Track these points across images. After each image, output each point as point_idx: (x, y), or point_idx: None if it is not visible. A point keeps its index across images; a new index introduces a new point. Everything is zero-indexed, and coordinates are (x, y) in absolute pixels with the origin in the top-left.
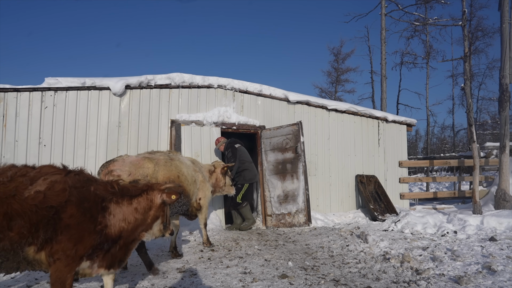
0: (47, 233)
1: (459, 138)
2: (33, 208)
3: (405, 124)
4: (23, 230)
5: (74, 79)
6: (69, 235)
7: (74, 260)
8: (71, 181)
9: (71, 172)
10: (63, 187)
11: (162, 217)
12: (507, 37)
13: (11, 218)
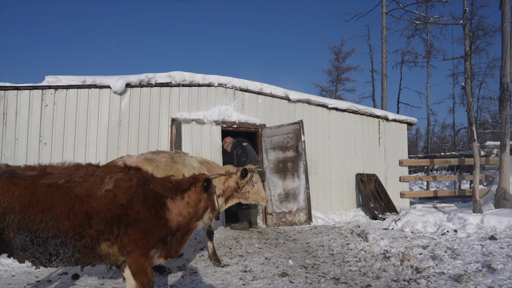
0: (119, 229)
1: (460, 137)
2: (107, 206)
3: (406, 123)
4: (100, 227)
5: (75, 77)
6: (138, 228)
7: (147, 250)
8: (135, 179)
9: (131, 170)
10: (129, 185)
11: (211, 205)
12: (507, 36)
13: (91, 217)
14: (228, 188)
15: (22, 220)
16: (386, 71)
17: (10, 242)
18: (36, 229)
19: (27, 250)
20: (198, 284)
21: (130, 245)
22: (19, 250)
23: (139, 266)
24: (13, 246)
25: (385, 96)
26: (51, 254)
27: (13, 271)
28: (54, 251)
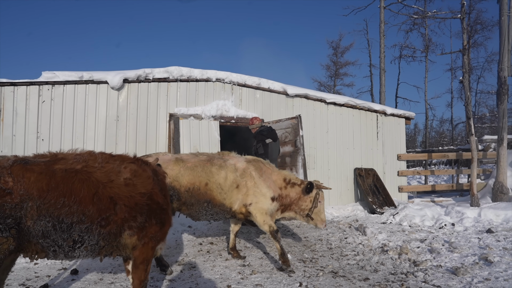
0: (142, 218)
1: (458, 132)
2: (130, 193)
3: (404, 117)
4: (125, 214)
5: (72, 73)
6: (156, 220)
7: (158, 242)
8: (149, 171)
9: (139, 161)
10: (147, 175)
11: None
12: (506, 30)
13: (116, 202)
14: (287, 197)
15: (42, 205)
16: (384, 65)
17: (29, 230)
18: (59, 213)
19: (48, 237)
20: (197, 279)
21: (148, 236)
22: (39, 238)
23: (147, 257)
24: (32, 235)
25: (383, 90)
26: (75, 241)
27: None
28: (79, 237)
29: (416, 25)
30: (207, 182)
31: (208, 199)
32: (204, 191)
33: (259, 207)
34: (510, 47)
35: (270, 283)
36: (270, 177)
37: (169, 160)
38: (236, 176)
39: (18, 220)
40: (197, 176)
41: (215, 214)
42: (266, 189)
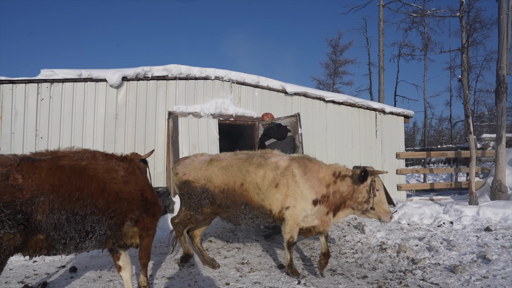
0: (138, 211)
1: (457, 130)
2: (129, 189)
3: (403, 115)
4: (127, 207)
5: (71, 70)
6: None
7: (153, 230)
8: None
9: (126, 158)
10: (137, 172)
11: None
12: (504, 28)
13: (120, 197)
14: (336, 193)
15: (55, 199)
16: (383, 64)
17: (39, 224)
18: (73, 206)
19: (61, 229)
20: (195, 276)
21: (148, 227)
22: (50, 231)
23: (149, 244)
24: (42, 229)
25: (382, 89)
26: (87, 232)
27: (11, 265)
28: (91, 228)
29: (415, 23)
30: (242, 182)
31: (245, 201)
32: (239, 192)
33: (295, 214)
34: (509, 46)
35: (269, 281)
36: (317, 175)
37: (204, 160)
38: (276, 175)
39: (28, 215)
40: (231, 175)
41: (255, 217)
42: (308, 190)
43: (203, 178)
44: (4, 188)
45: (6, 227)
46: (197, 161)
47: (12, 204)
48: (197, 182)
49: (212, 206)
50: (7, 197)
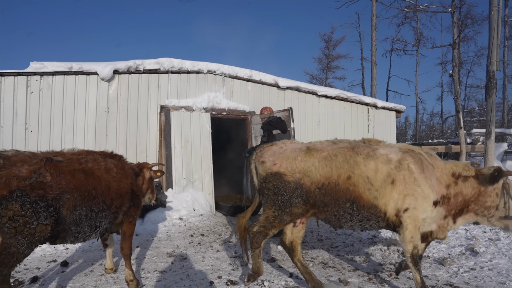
0: (129, 203)
1: (448, 125)
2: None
3: (394, 110)
4: (122, 202)
5: (61, 63)
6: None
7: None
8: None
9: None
10: (125, 168)
11: (151, 188)
12: (495, 24)
13: (120, 194)
14: (458, 196)
15: (78, 197)
16: (375, 59)
17: (64, 219)
18: (91, 204)
19: (79, 224)
20: (188, 270)
21: (132, 216)
22: (72, 226)
23: (132, 231)
24: (65, 223)
25: (374, 84)
26: (96, 226)
27: None
28: (99, 223)
29: (408, 18)
30: (349, 175)
31: (351, 198)
32: (345, 187)
33: (415, 216)
34: (499, 42)
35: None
36: (434, 173)
37: (298, 149)
38: (390, 169)
39: (57, 210)
40: (336, 167)
41: (364, 220)
42: (429, 189)
43: (299, 171)
44: (38, 184)
45: (41, 218)
46: (289, 149)
47: (45, 198)
48: (290, 176)
49: (305, 206)
50: (41, 191)
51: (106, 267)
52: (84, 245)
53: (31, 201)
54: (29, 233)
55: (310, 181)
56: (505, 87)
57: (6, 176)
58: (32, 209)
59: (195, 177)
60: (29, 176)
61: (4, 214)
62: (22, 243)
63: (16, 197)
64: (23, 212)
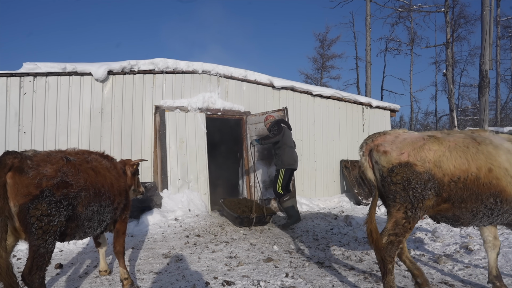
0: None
1: (442, 124)
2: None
3: (389, 109)
4: (120, 198)
5: (54, 64)
6: (127, 201)
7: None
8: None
9: (108, 156)
10: (118, 167)
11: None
12: (487, 24)
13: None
14: None
15: (93, 194)
16: (370, 58)
17: (80, 215)
18: (100, 200)
19: (91, 220)
20: (183, 271)
21: (125, 213)
22: (85, 221)
23: (125, 228)
24: (80, 219)
25: (369, 83)
26: (103, 221)
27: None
28: (105, 217)
29: (402, 18)
30: (490, 167)
31: (495, 193)
32: (487, 180)
33: None
34: (491, 41)
35: (257, 274)
36: None
37: (420, 137)
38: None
39: (74, 207)
40: (472, 159)
41: (502, 214)
42: None
43: (429, 160)
44: (62, 183)
45: (61, 216)
46: (410, 137)
47: (67, 197)
48: (421, 166)
49: (436, 198)
50: (65, 190)
51: (100, 269)
52: (78, 247)
53: (56, 200)
54: (54, 231)
55: (442, 172)
56: (498, 86)
57: (37, 176)
58: (56, 208)
59: (190, 178)
60: (55, 175)
61: (34, 214)
62: (49, 242)
63: (45, 196)
64: (49, 211)
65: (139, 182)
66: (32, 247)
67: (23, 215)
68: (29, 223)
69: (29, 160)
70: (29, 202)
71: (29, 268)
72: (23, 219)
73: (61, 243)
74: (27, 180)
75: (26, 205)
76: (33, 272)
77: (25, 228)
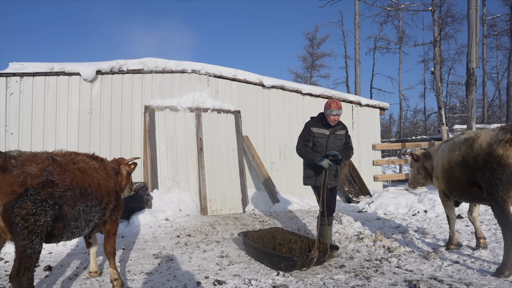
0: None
1: (431, 122)
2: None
3: (378, 107)
4: (109, 199)
5: (42, 64)
6: (118, 203)
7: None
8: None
9: (98, 158)
10: (108, 169)
11: (130, 183)
12: (473, 23)
13: (108, 191)
14: None
15: (79, 193)
16: (359, 57)
17: (65, 215)
18: (86, 199)
19: (77, 219)
20: (174, 271)
21: (116, 214)
22: (71, 221)
23: (116, 230)
24: (66, 218)
25: (358, 81)
26: (90, 220)
27: None
28: (92, 217)
29: (390, 17)
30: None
31: None
32: None
33: None
34: (477, 40)
35: (248, 273)
36: None
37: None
38: None
39: (60, 206)
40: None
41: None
42: None
43: None
44: (47, 182)
45: (48, 216)
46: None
47: (53, 196)
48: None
49: None
50: (50, 189)
51: (91, 270)
52: (68, 249)
53: (41, 199)
54: (40, 231)
55: None
56: (484, 84)
57: (22, 175)
58: (42, 207)
59: (180, 177)
60: (40, 174)
61: (18, 213)
62: (36, 242)
63: (30, 195)
64: (34, 210)
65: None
66: (18, 248)
67: (7, 214)
68: (14, 223)
69: (14, 160)
70: (13, 201)
71: (17, 269)
72: (8, 218)
73: (49, 244)
74: (11, 178)
75: (10, 204)
76: (20, 274)
77: (10, 228)
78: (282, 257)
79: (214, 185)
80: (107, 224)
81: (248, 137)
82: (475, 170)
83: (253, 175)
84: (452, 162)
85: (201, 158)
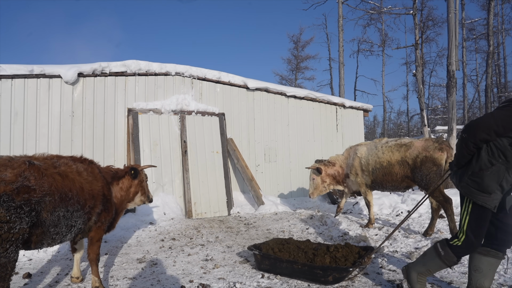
0: (100, 207)
1: (414, 123)
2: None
3: (362, 109)
4: (94, 204)
5: (21, 66)
6: (105, 208)
7: (106, 225)
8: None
9: (86, 160)
10: (96, 172)
11: (141, 191)
12: (453, 26)
13: (92, 195)
14: None
15: (58, 199)
16: (343, 59)
17: (44, 221)
18: (67, 204)
19: (57, 225)
20: (158, 275)
21: (101, 221)
22: (51, 227)
23: (100, 236)
24: (45, 225)
25: (342, 84)
26: (72, 226)
27: None
28: (74, 222)
29: (373, 20)
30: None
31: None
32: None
33: None
34: (457, 43)
35: (233, 276)
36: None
37: None
38: None
39: (38, 213)
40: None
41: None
42: None
43: None
44: (23, 188)
45: (23, 223)
46: None
47: (29, 202)
48: None
49: None
50: (26, 195)
51: (72, 275)
52: (49, 255)
53: (16, 206)
54: (15, 239)
55: None
56: (464, 86)
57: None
58: (16, 214)
59: (165, 181)
60: (15, 180)
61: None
62: (11, 251)
63: (3, 202)
64: (8, 217)
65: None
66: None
67: None
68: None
69: None
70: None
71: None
72: None
73: (29, 251)
74: None
75: None
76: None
77: None
78: (333, 268)
79: (199, 188)
80: (95, 231)
81: (233, 140)
82: (413, 167)
83: (238, 178)
84: (393, 160)
85: (186, 161)
